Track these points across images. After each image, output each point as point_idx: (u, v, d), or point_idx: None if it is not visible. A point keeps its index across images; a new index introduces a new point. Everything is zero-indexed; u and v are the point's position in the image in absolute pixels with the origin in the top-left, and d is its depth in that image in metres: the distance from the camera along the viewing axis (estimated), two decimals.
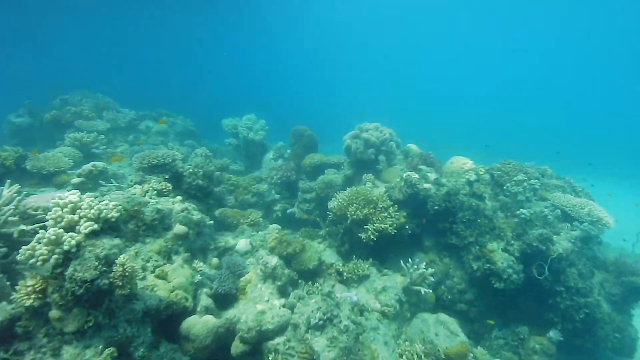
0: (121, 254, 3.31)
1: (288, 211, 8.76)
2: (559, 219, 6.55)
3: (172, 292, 4.30)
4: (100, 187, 6.45)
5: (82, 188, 6.52)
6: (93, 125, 10.39)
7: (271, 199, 8.76)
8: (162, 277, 4.44)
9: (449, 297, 6.51)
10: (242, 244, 5.94)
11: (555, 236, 6.23)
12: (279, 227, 6.68)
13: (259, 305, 4.37)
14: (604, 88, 47.14)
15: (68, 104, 12.22)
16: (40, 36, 35.53)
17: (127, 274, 3.20)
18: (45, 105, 13.18)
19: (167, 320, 4.34)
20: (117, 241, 3.34)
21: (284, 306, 4.56)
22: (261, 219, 7.19)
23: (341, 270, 5.98)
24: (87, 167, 6.58)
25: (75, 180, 6.52)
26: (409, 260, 6.04)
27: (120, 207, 3.44)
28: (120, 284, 3.20)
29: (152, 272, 4.53)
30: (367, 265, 6.09)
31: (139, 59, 49.42)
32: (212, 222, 5.77)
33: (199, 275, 4.81)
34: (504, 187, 6.79)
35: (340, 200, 6.51)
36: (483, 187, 6.76)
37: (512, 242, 6.15)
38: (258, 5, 30.53)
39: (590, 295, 6.02)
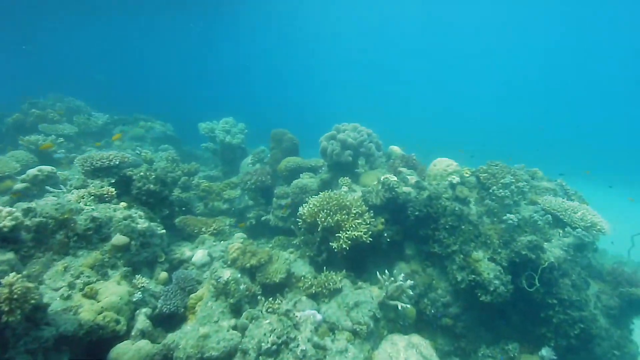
0: (14, 271, 2.69)
1: (263, 218, 8.16)
2: (550, 224, 6.01)
3: (99, 313, 3.67)
4: (47, 193, 5.83)
5: (26, 194, 5.91)
6: (58, 129, 9.77)
7: (244, 206, 8.16)
8: (91, 296, 3.81)
9: (433, 311, 5.92)
10: (199, 255, 5.32)
11: (546, 243, 5.68)
12: (245, 235, 6.08)
13: (202, 328, 3.75)
14: (596, 90, 47.14)
15: (38, 108, 11.60)
16: (25, 39, 34.93)
17: (16, 296, 2.59)
18: (16, 110, 12.55)
19: (94, 348, 3.71)
20: (8, 256, 2.73)
21: (234, 328, 3.94)
22: (227, 227, 6.57)
23: (310, 283, 5.38)
24: (32, 171, 5.96)
25: (19, 185, 5.89)
26: (385, 271, 5.45)
27: (18, 214, 2.84)
28: (7, 309, 2.58)
29: (81, 290, 3.90)
30: (339, 278, 5.49)
31: (123, 63, 48.48)
32: (164, 231, 5.15)
33: (139, 292, 4.18)
34: (490, 191, 6.25)
35: (311, 206, 5.93)
36: (467, 191, 6.21)
37: (499, 250, 5.59)
38: (241, 7, 30.13)
39: (586, 308, 5.45)
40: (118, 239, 4.32)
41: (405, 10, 39.00)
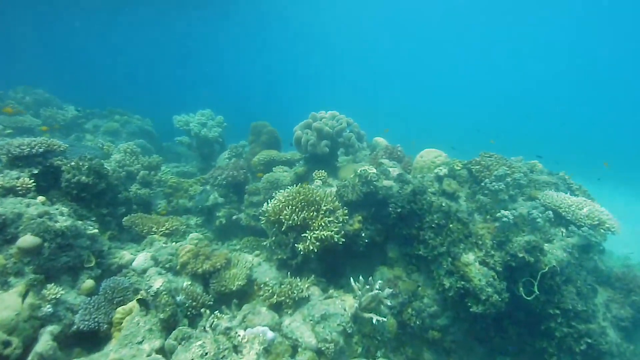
0: None
1: (234, 217, 7.38)
2: (551, 222, 5.23)
3: None
4: None
5: None
6: (18, 121, 9.00)
7: (213, 203, 7.36)
8: None
9: (418, 322, 5.15)
10: (140, 259, 4.53)
11: (546, 244, 4.91)
12: (200, 236, 5.30)
13: (115, 353, 2.97)
14: (593, 89, 46.26)
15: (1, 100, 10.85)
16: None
17: None
18: None
19: None
20: None
21: (159, 351, 3.15)
22: (184, 226, 5.79)
23: (271, 292, 4.60)
24: None
25: None
26: (360, 277, 4.67)
27: None
28: None
29: None
30: (306, 285, 4.71)
31: (106, 57, 47.10)
32: (95, 231, 4.36)
33: (49, 306, 3.40)
34: (482, 184, 5.48)
35: (275, 202, 5.15)
36: (455, 184, 5.44)
37: (493, 252, 4.82)
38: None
39: (594, 320, 4.69)
40: (25, 240, 3.54)
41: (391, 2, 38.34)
